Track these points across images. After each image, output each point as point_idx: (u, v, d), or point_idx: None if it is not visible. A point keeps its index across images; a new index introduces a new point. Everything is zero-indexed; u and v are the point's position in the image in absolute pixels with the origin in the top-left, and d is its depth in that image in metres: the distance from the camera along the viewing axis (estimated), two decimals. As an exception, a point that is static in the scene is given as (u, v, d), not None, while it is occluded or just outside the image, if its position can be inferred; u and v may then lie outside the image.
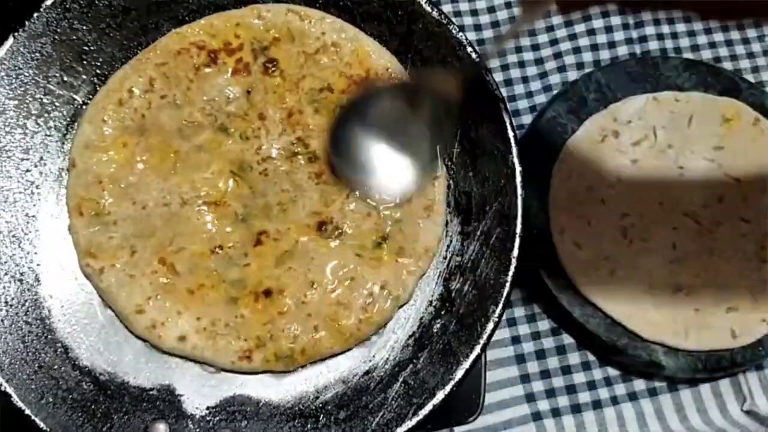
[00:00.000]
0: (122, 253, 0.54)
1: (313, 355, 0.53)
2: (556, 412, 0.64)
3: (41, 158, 0.55)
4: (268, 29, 0.57)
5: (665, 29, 0.75)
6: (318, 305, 0.54)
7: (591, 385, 0.65)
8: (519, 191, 0.53)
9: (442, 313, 0.55)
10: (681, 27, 0.75)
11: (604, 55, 0.74)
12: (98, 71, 0.57)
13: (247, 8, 0.58)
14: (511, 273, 0.52)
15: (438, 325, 0.54)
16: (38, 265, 0.54)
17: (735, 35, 0.75)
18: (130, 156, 0.55)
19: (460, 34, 0.55)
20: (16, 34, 0.53)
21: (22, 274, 0.53)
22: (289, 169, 0.56)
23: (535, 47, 0.74)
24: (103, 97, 0.56)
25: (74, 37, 0.55)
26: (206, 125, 0.56)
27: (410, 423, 0.50)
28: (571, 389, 0.64)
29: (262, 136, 0.56)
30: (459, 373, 0.50)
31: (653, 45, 0.74)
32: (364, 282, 0.54)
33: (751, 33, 0.75)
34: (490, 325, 0.51)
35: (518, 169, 0.53)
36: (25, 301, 0.53)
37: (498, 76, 0.72)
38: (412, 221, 0.56)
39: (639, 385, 0.65)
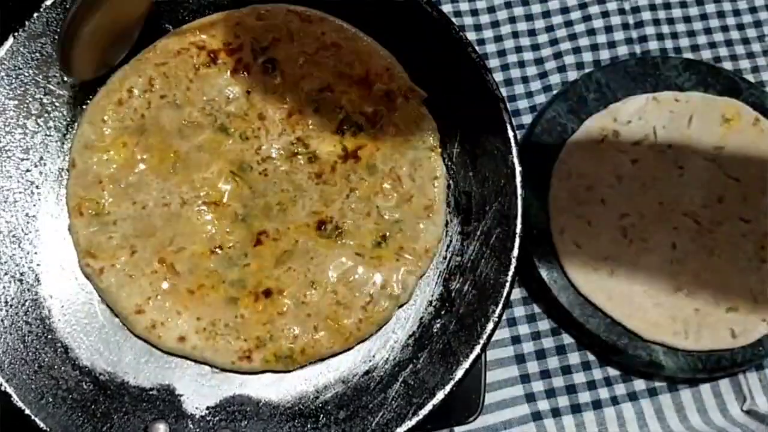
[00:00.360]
0: (122, 253, 0.54)
1: (313, 355, 0.53)
2: (556, 412, 0.64)
3: (41, 158, 0.55)
4: (268, 29, 0.57)
5: (665, 29, 0.75)
6: (318, 305, 0.54)
7: (591, 385, 0.65)
8: (519, 191, 0.53)
9: (442, 313, 0.55)
10: (681, 27, 0.75)
11: (604, 55, 0.74)
12: (98, 71, 0.57)
13: (247, 8, 0.58)
14: (511, 273, 0.51)
15: (438, 325, 0.54)
16: (38, 265, 0.54)
17: (735, 35, 0.75)
18: (130, 156, 0.55)
19: (461, 34, 0.55)
20: (16, 34, 0.53)
21: (22, 274, 0.53)
22: (289, 169, 0.56)
23: (535, 47, 0.74)
24: (103, 97, 0.56)
25: (74, 37, 0.55)
26: (206, 125, 0.56)
27: (410, 423, 0.50)
28: (571, 389, 0.64)
29: (261, 136, 0.56)
30: (459, 373, 0.50)
31: (653, 45, 0.74)
32: (363, 282, 0.54)
33: (751, 33, 0.75)
34: (490, 325, 0.51)
35: (518, 169, 0.53)
36: (25, 301, 0.53)
37: (498, 76, 0.72)
38: (412, 221, 0.56)
39: (639, 385, 0.65)
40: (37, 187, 0.55)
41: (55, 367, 0.51)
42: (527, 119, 0.71)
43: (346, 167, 0.56)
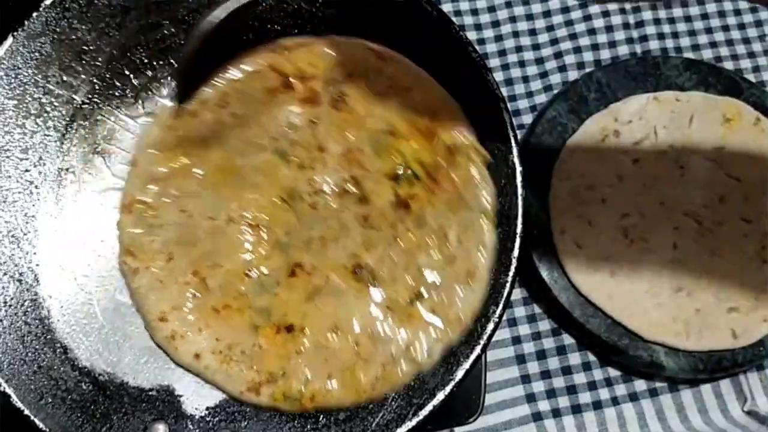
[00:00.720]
0: (160, 257, 0.53)
1: (322, 404, 0.51)
2: (556, 413, 0.64)
3: (40, 158, 0.55)
4: (344, 63, 0.56)
5: (666, 29, 0.75)
6: (337, 352, 0.52)
7: (591, 386, 0.64)
8: (519, 191, 0.52)
9: (443, 313, 0.55)
10: (682, 26, 0.75)
11: (605, 54, 0.73)
12: (97, 71, 0.57)
13: (326, 39, 0.56)
14: (511, 273, 0.51)
15: (438, 326, 0.54)
16: (37, 265, 0.54)
17: (736, 35, 0.75)
18: (190, 165, 0.54)
19: (461, 34, 0.55)
20: (15, 33, 0.53)
21: (21, 274, 0.53)
22: (338, 206, 0.55)
23: (536, 47, 0.74)
24: (176, 105, 0.55)
25: (73, 37, 0.55)
26: (268, 148, 0.55)
27: (410, 423, 0.49)
28: (571, 390, 0.64)
29: (318, 168, 0.55)
30: (459, 374, 0.50)
31: (654, 44, 0.74)
32: (388, 338, 0.52)
33: (752, 32, 0.75)
34: (491, 326, 0.50)
35: (518, 169, 0.53)
36: (25, 301, 0.52)
37: (498, 76, 0.72)
38: (451, 285, 0.53)
39: (640, 385, 0.65)
40: (36, 187, 0.55)
41: (55, 367, 0.51)
42: (527, 119, 0.71)
43: (394, 215, 0.54)
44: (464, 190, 0.54)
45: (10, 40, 0.53)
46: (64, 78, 0.56)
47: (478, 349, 0.50)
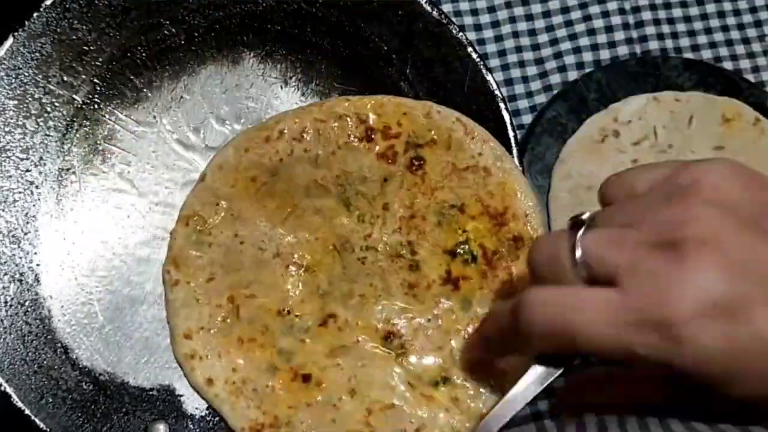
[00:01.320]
0: (201, 274, 0.53)
1: None
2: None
3: (41, 158, 0.55)
4: (430, 129, 0.55)
5: (665, 29, 0.75)
6: (346, 416, 0.50)
7: (591, 385, 0.64)
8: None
9: (443, 313, 0.54)
10: (681, 27, 0.75)
11: (605, 54, 0.73)
12: (98, 71, 0.57)
13: (421, 102, 0.56)
14: (512, 276, 0.51)
15: (439, 326, 0.54)
16: (38, 265, 0.54)
17: (735, 35, 0.75)
18: (253, 191, 0.54)
19: (461, 34, 0.55)
20: (15, 33, 0.53)
21: (21, 274, 0.53)
22: (387, 267, 0.53)
23: (535, 47, 0.74)
24: (255, 129, 0.55)
25: (74, 37, 0.55)
26: (332, 193, 0.54)
27: (410, 424, 0.49)
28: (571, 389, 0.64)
29: (377, 225, 0.54)
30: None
31: (653, 45, 0.74)
32: (402, 415, 0.50)
33: (752, 33, 0.75)
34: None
35: (518, 169, 0.53)
36: (25, 301, 0.53)
37: (498, 76, 0.72)
38: (482, 379, 0.51)
39: (639, 385, 0.65)
40: (36, 187, 0.55)
41: (55, 367, 0.52)
42: (527, 119, 0.71)
43: (441, 290, 0.53)
44: (519, 285, 0.53)
45: (10, 40, 0.53)
46: (65, 78, 0.56)
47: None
